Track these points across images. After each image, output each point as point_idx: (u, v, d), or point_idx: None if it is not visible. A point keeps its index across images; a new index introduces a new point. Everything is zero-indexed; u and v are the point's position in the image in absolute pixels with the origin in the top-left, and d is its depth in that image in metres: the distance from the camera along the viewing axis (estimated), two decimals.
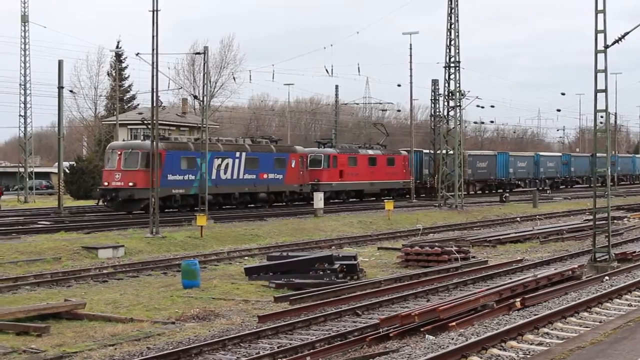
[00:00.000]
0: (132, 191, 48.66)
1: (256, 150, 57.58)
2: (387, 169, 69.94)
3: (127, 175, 49.09)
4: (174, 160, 50.92)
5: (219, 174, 53.87)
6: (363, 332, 17.48)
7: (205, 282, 25.50)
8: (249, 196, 56.83)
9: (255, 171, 56.83)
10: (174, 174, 50.79)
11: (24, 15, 77.03)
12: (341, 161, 65.11)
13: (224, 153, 54.56)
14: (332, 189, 64.28)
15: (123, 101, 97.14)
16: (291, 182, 59.75)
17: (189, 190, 51.62)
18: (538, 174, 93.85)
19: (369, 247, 37.73)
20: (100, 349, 16.41)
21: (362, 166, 67.33)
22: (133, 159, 49.40)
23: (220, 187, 53.89)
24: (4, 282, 26.04)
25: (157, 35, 38.57)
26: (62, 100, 60.36)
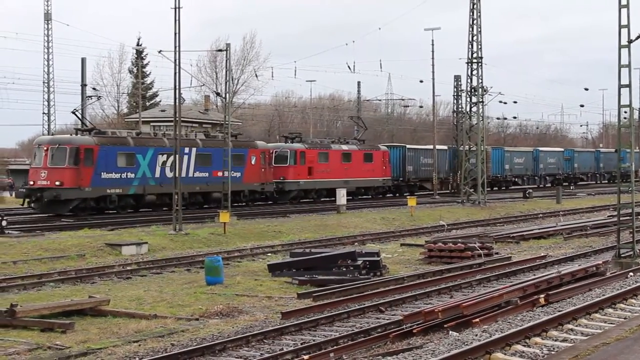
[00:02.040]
0: (59, 191, 44.33)
1: (209, 146, 53.24)
2: (363, 165, 65.66)
3: (54, 173, 44.88)
4: (109, 157, 46.61)
5: (163, 171, 49.30)
6: (386, 328, 17.46)
7: (229, 278, 25.55)
8: (201, 196, 52.77)
9: (208, 169, 52.55)
10: (109, 172, 46.56)
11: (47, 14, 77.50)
12: (310, 157, 61.04)
13: (170, 149, 47.94)
14: (300, 188, 60.70)
15: (145, 98, 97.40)
16: (251, 180, 55.48)
17: (127, 190, 47.67)
18: (537, 170, 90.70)
19: (392, 243, 37.70)
20: (124, 345, 16.47)
21: (334, 162, 63.16)
22: (60, 156, 45.17)
23: (166, 186, 48.37)
24: (28, 278, 26.19)
25: (179, 33, 38.68)
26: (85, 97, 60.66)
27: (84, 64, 60.27)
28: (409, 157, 72.71)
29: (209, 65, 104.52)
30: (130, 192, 47.91)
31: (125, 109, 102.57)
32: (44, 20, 78.28)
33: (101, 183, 46.19)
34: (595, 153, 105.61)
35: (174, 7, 38.74)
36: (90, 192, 45.59)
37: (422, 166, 74.07)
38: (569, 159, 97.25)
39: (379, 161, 67.14)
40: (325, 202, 60.35)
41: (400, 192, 72.62)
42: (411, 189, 73.18)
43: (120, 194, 47.35)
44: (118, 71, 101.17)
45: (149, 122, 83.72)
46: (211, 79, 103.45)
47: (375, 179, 66.85)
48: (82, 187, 45.08)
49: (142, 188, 48.31)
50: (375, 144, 73.35)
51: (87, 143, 45.98)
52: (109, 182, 46.59)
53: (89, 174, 45.47)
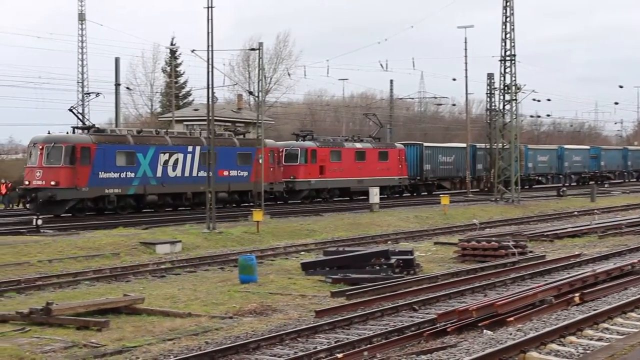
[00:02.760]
0: (54, 191, 43.31)
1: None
2: (378, 164, 64.01)
3: (49, 173, 43.76)
4: (107, 156, 45.39)
5: (165, 171, 48.34)
6: (420, 327, 17.42)
7: (262, 277, 25.60)
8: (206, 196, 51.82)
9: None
10: (107, 171, 45.36)
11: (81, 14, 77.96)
12: (322, 156, 59.48)
13: (173, 147, 48.99)
14: (311, 187, 59.12)
15: (178, 97, 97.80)
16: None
17: (126, 190, 46.44)
18: (562, 169, 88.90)
19: (425, 242, 37.62)
20: (159, 344, 16.53)
21: (347, 161, 61.58)
22: (56, 155, 44.06)
23: (168, 186, 48.43)
24: (64, 277, 26.40)
25: (212, 32, 38.82)
26: (119, 97, 61.06)
27: (117, 63, 60.60)
28: (427, 155, 71.31)
29: (241, 64, 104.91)
30: (130, 192, 46.68)
31: (159, 108, 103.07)
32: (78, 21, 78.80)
33: (99, 183, 45.00)
34: (623, 151, 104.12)
35: (207, 6, 38.88)
36: (87, 192, 44.47)
37: (440, 165, 72.83)
38: (596, 157, 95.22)
39: (394, 160, 65.69)
40: (358, 200, 60.28)
41: (418, 191, 71.41)
42: (429, 188, 72.22)
43: (120, 194, 46.11)
44: (152, 70, 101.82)
45: (182, 121, 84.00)
46: (244, 77, 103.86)
47: (391, 178, 65.23)
48: (78, 187, 44.02)
49: (142, 188, 47.13)
50: (390, 142, 72.21)
51: (83, 141, 44.82)
52: (107, 182, 45.37)
53: (86, 173, 44.41)
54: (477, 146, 77.61)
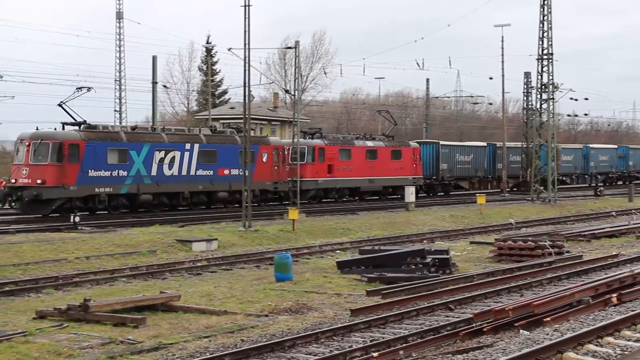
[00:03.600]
0: (40, 190, 40.99)
1: (213, 142, 49.49)
2: (391, 163, 61.26)
3: (36, 170, 41.62)
4: (97, 153, 43.07)
5: (161, 169, 45.98)
6: (456, 326, 17.37)
7: (298, 275, 25.64)
8: (205, 195, 49.28)
9: (213, 166, 48.83)
10: (97, 170, 43.05)
11: (119, 12, 78.43)
12: (330, 154, 56.91)
13: (169, 145, 46.68)
14: (318, 187, 56.48)
15: (215, 96, 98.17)
16: (262, 178, 51.22)
17: (118, 189, 44.11)
18: (588, 168, 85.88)
19: (461, 241, 37.50)
20: (195, 341, 16.60)
21: (357, 160, 58.87)
22: (42, 152, 41.88)
23: (164, 185, 46.19)
24: (101, 274, 26.58)
25: (248, 30, 38.89)
26: (156, 95, 61.38)
27: (154, 61, 60.94)
28: (443, 154, 68.72)
29: (278, 62, 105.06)
30: (123, 191, 44.39)
31: (195, 106, 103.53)
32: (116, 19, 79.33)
33: (88, 181, 42.76)
34: None
35: (244, 4, 38.99)
36: (75, 191, 42.29)
37: (457, 164, 70.22)
38: (623, 156, 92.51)
39: (408, 159, 63.06)
40: (394, 199, 60.15)
41: (434, 191, 69.32)
42: (445, 189, 70.14)
43: (111, 193, 43.86)
44: (188, 69, 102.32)
45: (218, 119, 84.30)
46: (280, 76, 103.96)
47: (405, 178, 62.01)
48: (66, 185, 41.79)
49: (136, 187, 44.78)
50: (404, 141, 69.64)
51: (72, 138, 42.57)
52: (97, 181, 43.12)
53: (74, 171, 42.24)
54: (497, 145, 75.94)
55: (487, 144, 76.55)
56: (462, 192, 70.96)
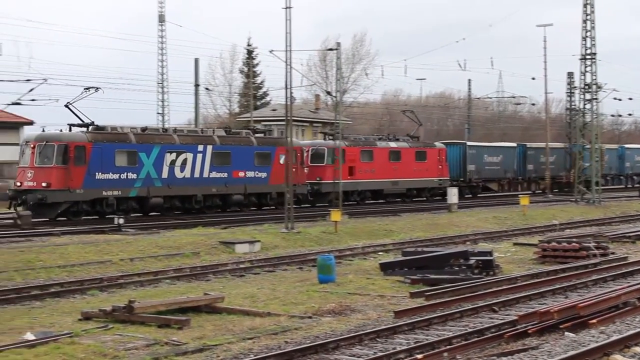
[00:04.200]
0: (45, 193, 40.06)
1: (228, 143, 48.14)
2: (415, 164, 59.82)
3: (41, 173, 40.73)
4: (105, 155, 41.97)
5: (172, 171, 44.80)
6: (500, 328, 17.28)
7: (341, 277, 25.61)
8: (219, 199, 47.92)
9: (227, 168, 47.60)
10: (105, 172, 41.94)
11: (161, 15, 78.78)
12: (351, 155, 55.28)
13: (181, 146, 45.40)
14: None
15: (256, 98, 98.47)
16: (279, 181, 48.29)
17: (127, 192, 42.94)
18: (623, 169, 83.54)
19: (504, 242, 37.31)
20: (239, 342, 16.65)
21: (380, 161, 57.35)
22: (48, 154, 40.98)
23: (175, 188, 45.04)
24: (145, 275, 26.76)
25: (290, 32, 38.96)
26: (198, 97, 61.68)
27: (197, 64, 61.29)
28: (471, 155, 67.12)
29: (319, 64, 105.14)
30: (132, 194, 43.17)
31: (237, 108, 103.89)
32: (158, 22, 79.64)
33: (95, 184, 41.65)
34: None
35: (285, 7, 39.06)
36: (82, 195, 41.17)
37: (486, 165, 68.64)
38: None
39: (433, 160, 61.68)
40: (436, 201, 59.97)
41: (461, 193, 63.44)
42: (473, 191, 68.26)
43: (119, 196, 42.60)
44: (230, 71, 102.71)
45: (260, 121, 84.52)
46: (321, 77, 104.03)
47: (430, 180, 61.22)
48: (71, 188, 40.80)
49: (145, 190, 43.64)
50: (430, 141, 68.10)
51: (78, 140, 41.50)
52: (105, 184, 41.98)
53: (81, 174, 41.20)
54: (528, 145, 74.79)
55: (516, 144, 75.12)
56: (490, 194, 69.42)
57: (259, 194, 49.70)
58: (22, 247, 30.48)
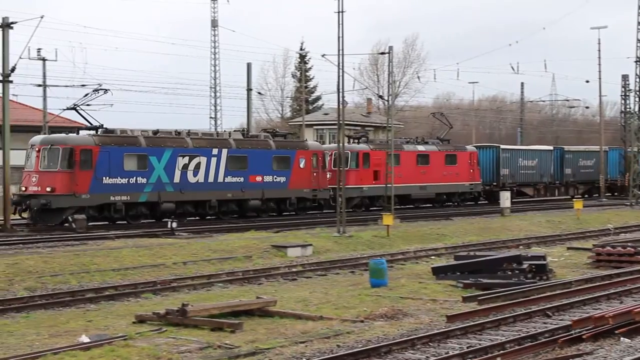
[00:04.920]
0: (49, 198, 38.77)
1: (244, 147, 46.58)
2: (445, 168, 57.99)
3: (45, 178, 39.53)
4: (113, 159, 40.63)
5: (184, 176, 43.36)
6: (554, 333, 17.14)
7: (393, 281, 25.57)
8: (235, 204, 46.35)
9: (244, 173, 46.09)
10: (113, 177, 40.64)
11: (214, 20, 79.33)
12: (376, 159, 53.48)
13: (194, 150, 43.97)
14: (363, 194, 53.53)
15: (308, 102, 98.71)
16: (299, 185, 48.55)
17: (136, 197, 41.61)
18: None
19: (558, 247, 37.02)
20: (291, 346, 16.68)
21: (407, 165, 55.58)
22: (53, 158, 39.77)
23: (188, 193, 43.55)
24: (198, 279, 26.93)
25: (342, 36, 38.98)
26: (250, 102, 61.90)
27: (249, 68, 61.44)
28: (504, 158, 65.00)
29: (370, 68, 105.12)
30: (142, 199, 41.82)
31: (289, 112, 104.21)
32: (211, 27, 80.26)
33: (103, 189, 40.33)
34: None
35: (337, 11, 39.08)
36: (88, 200, 39.77)
37: (520, 169, 66.40)
38: None
39: (464, 164, 59.84)
40: (488, 204, 59.60)
41: (494, 198, 62.06)
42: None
43: (128, 201, 41.32)
44: (282, 75, 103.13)
45: (312, 125, 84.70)
46: (373, 81, 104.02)
47: (460, 184, 59.40)
48: (77, 193, 39.53)
49: (156, 195, 42.27)
50: (461, 145, 65.51)
51: (84, 143, 40.13)
52: (113, 188, 40.64)
53: (87, 178, 39.84)
54: (565, 149, 72.67)
55: (553, 147, 73.04)
56: (525, 199, 66.93)
57: (277, 199, 48.23)
58: (77, 251, 30.82)
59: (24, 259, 28.06)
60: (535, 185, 68.06)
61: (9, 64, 37.54)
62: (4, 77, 37.37)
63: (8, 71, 37.38)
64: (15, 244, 33.23)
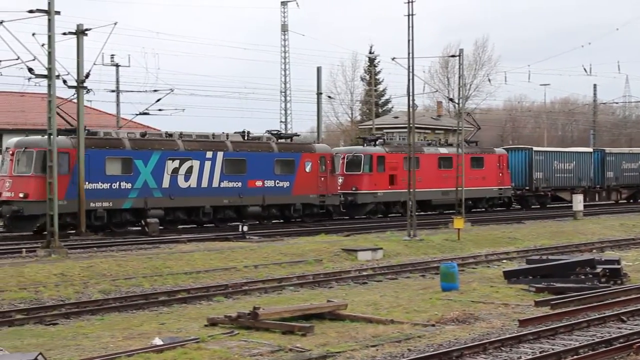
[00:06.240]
0: (22, 205, 36.40)
1: (242, 150, 43.78)
2: (470, 172, 53.54)
3: (18, 183, 37.10)
4: (92, 163, 37.84)
5: (174, 181, 40.68)
6: (629, 338, 16.90)
7: (464, 285, 25.43)
8: (233, 210, 43.50)
9: (242, 177, 43.31)
10: (93, 181, 37.89)
11: (284, 25, 79.65)
12: (392, 163, 50.70)
13: (185, 153, 41.35)
14: (377, 200, 50.24)
15: (378, 105, 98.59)
16: (305, 191, 45.71)
17: (120, 203, 38.93)
18: None
19: (632, 250, 36.50)
20: (362, 350, 16.68)
21: (427, 169, 51.94)
22: (26, 161, 37.30)
23: (178, 199, 40.78)
24: (269, 282, 27.06)
25: (412, 39, 38.91)
26: (320, 105, 62.02)
27: (319, 72, 61.57)
28: (538, 161, 61.24)
29: (440, 71, 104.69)
30: (126, 206, 38.94)
31: (359, 116, 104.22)
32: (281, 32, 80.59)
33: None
34: None
35: (407, 14, 39.05)
36: (65, 206, 36.30)
37: (556, 172, 62.57)
38: None
39: (492, 167, 56.67)
40: (560, 208, 58.93)
41: (526, 203, 61.61)
42: (541, 200, 62.50)
43: (111, 208, 38.36)
44: (351, 79, 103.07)
45: (382, 128, 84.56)
46: (443, 84, 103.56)
47: (488, 189, 56.02)
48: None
49: (142, 201, 39.47)
50: (489, 147, 63.20)
51: (60, 145, 35.90)
52: (93, 194, 37.80)
53: (64, 183, 36.61)
54: (606, 151, 68.96)
55: (593, 149, 69.80)
56: (562, 204, 62.71)
57: (280, 206, 45.45)
58: (150, 254, 31.20)
59: (99, 262, 28.52)
60: (572, 190, 62.65)
61: (83, 70, 38.07)
62: (79, 83, 37.92)
63: (82, 77, 37.91)
64: (90, 247, 33.73)
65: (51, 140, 32.24)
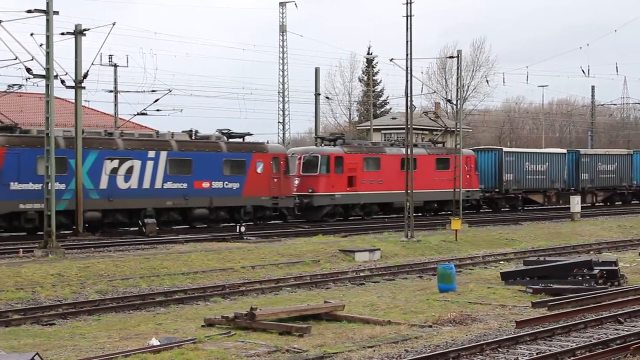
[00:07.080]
0: None
1: (188, 149, 41.89)
2: (435, 173, 52.46)
3: None
4: (23, 162, 35.74)
5: (113, 181, 38.68)
6: (626, 340, 16.90)
7: (461, 286, 25.45)
8: (178, 213, 41.67)
9: (188, 178, 41.37)
10: (23, 182, 35.76)
11: (282, 26, 79.56)
12: (350, 164, 48.61)
13: (125, 152, 39.30)
14: (335, 202, 48.13)
15: (376, 106, 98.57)
16: (256, 193, 43.83)
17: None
18: None
19: (630, 252, 36.52)
20: (359, 350, 16.68)
21: (389, 170, 50.03)
22: None
23: (117, 201, 38.81)
24: (266, 283, 27.06)
25: (410, 41, 38.89)
26: (318, 106, 62.07)
27: (317, 73, 61.62)
28: (508, 162, 59.11)
29: (438, 72, 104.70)
30: (60, 207, 35.11)
31: (356, 117, 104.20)
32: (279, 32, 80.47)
33: (10, 196, 35.53)
34: None
35: (406, 15, 39.01)
36: None
37: (527, 174, 60.35)
38: None
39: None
40: (559, 209, 58.96)
41: (496, 206, 59.99)
42: (512, 203, 60.63)
43: (43, 209, 33.15)
44: (349, 80, 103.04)
45: (380, 129, 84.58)
46: (441, 85, 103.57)
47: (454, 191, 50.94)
48: None
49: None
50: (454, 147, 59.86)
51: None
52: (22, 195, 35.69)
53: None
54: (581, 152, 67.01)
55: (567, 150, 67.92)
56: (535, 206, 62.54)
57: (229, 208, 43.42)
58: (147, 255, 31.18)
59: (96, 263, 28.52)
60: (545, 192, 62.08)
61: (81, 70, 38.04)
62: (77, 83, 37.89)
63: (81, 77, 37.89)
64: (87, 247, 33.70)
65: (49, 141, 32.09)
